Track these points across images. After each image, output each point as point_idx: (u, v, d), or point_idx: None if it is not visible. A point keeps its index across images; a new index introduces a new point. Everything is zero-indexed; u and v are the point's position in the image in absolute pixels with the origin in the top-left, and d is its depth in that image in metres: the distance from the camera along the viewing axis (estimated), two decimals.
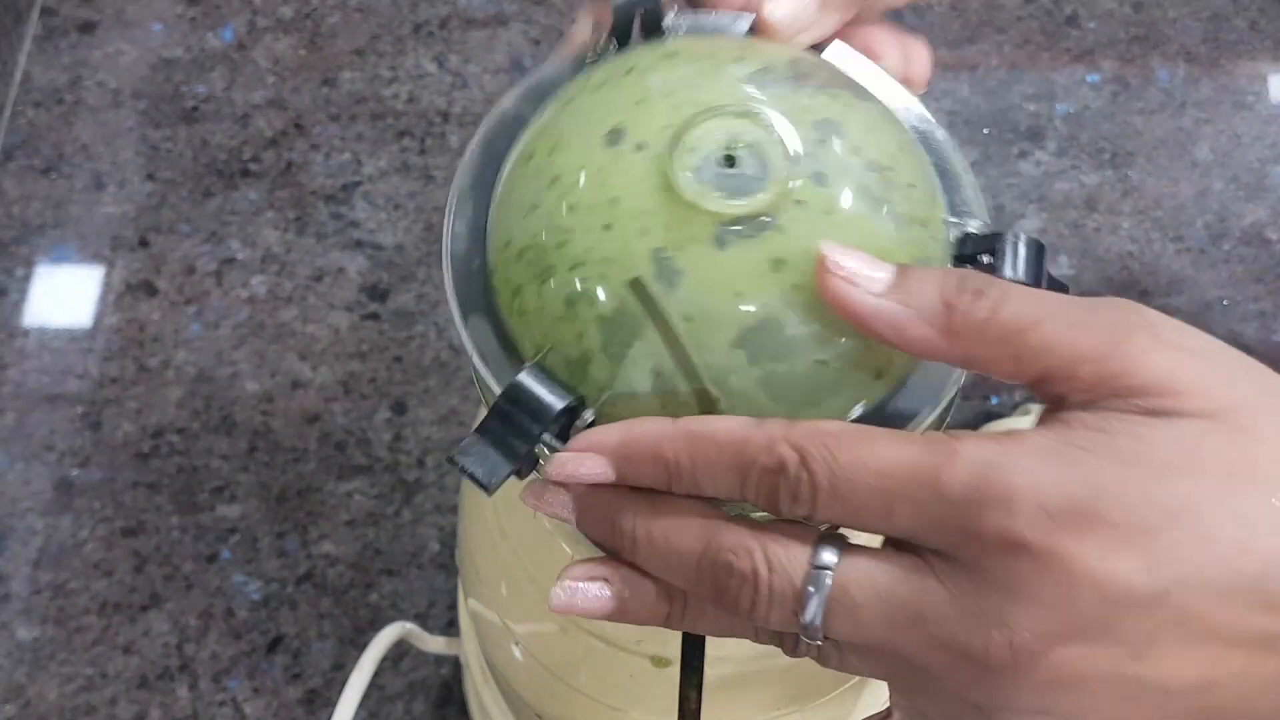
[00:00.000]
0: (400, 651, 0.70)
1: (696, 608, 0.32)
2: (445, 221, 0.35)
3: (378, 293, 0.80)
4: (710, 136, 0.31)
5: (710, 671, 0.38)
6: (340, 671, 0.70)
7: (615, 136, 0.32)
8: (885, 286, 0.30)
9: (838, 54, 0.37)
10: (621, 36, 0.36)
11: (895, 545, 0.30)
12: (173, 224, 0.83)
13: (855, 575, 0.29)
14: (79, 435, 0.75)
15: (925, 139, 0.36)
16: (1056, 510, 0.28)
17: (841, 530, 0.30)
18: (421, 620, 0.71)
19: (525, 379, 0.32)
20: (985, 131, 0.87)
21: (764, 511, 0.30)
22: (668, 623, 0.32)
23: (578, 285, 0.32)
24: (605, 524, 0.31)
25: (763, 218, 0.31)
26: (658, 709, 0.46)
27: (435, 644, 0.62)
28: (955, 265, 0.33)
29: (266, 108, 0.87)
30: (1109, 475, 0.28)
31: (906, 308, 0.30)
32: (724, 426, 0.30)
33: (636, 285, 0.31)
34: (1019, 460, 0.28)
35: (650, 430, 0.31)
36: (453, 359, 0.78)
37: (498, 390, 0.32)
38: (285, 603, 0.71)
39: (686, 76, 0.33)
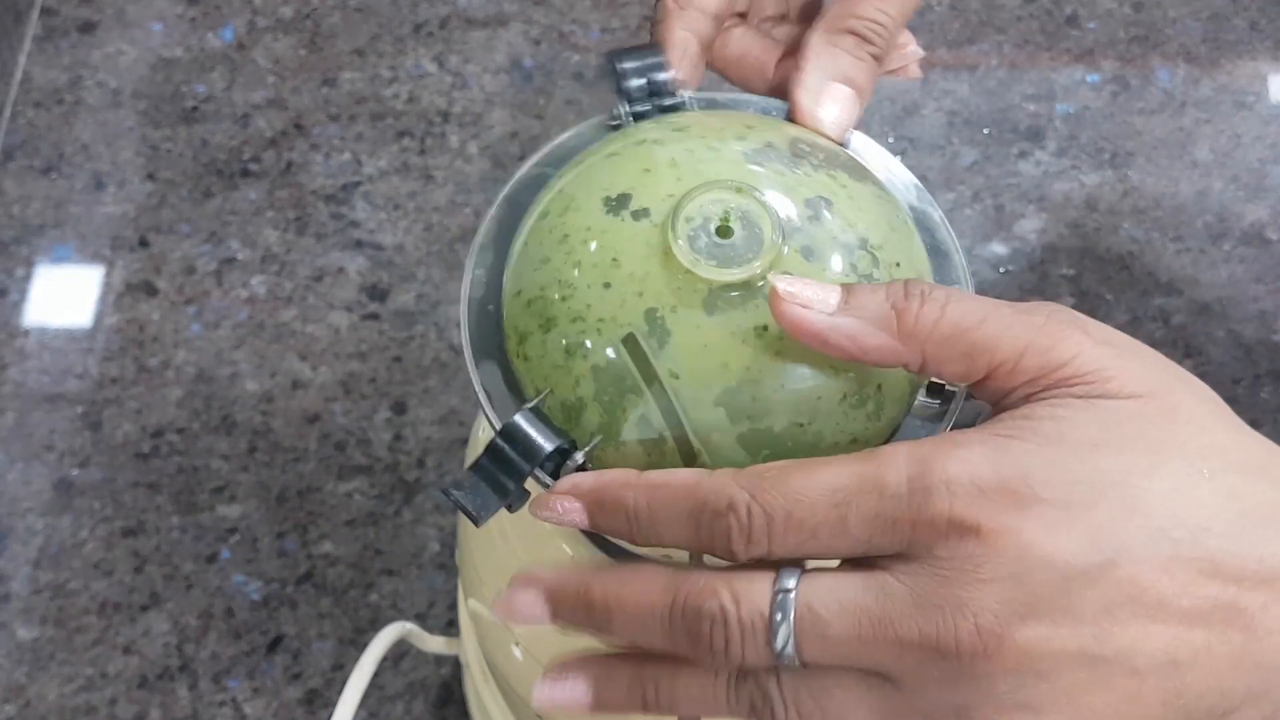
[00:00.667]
0: (400, 651, 0.70)
1: (670, 683, 0.33)
2: (466, 268, 0.38)
3: (378, 293, 0.80)
4: (707, 208, 0.34)
5: None
6: (340, 671, 0.70)
7: (622, 202, 0.35)
8: (837, 304, 0.32)
9: (855, 141, 0.40)
10: (631, 98, 0.39)
11: (851, 565, 0.31)
12: (173, 224, 0.83)
13: (818, 592, 0.30)
14: (79, 435, 0.75)
15: (922, 218, 0.39)
16: (993, 490, 0.29)
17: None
18: (421, 620, 0.71)
19: (520, 420, 0.34)
20: (985, 131, 0.87)
21: (722, 559, 0.31)
22: (645, 708, 0.33)
23: (577, 337, 0.34)
24: (579, 604, 0.33)
25: (752, 286, 0.33)
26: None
27: (435, 644, 0.62)
28: None
29: (266, 108, 0.87)
30: (1035, 456, 0.30)
31: (860, 320, 0.32)
32: (680, 475, 0.32)
33: (630, 341, 0.34)
34: (951, 451, 0.30)
35: (617, 478, 0.32)
36: (453, 359, 0.78)
37: (497, 427, 0.35)
38: (285, 603, 0.71)
39: (692, 150, 0.36)
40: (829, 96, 0.39)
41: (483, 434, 0.49)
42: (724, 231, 0.34)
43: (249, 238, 0.82)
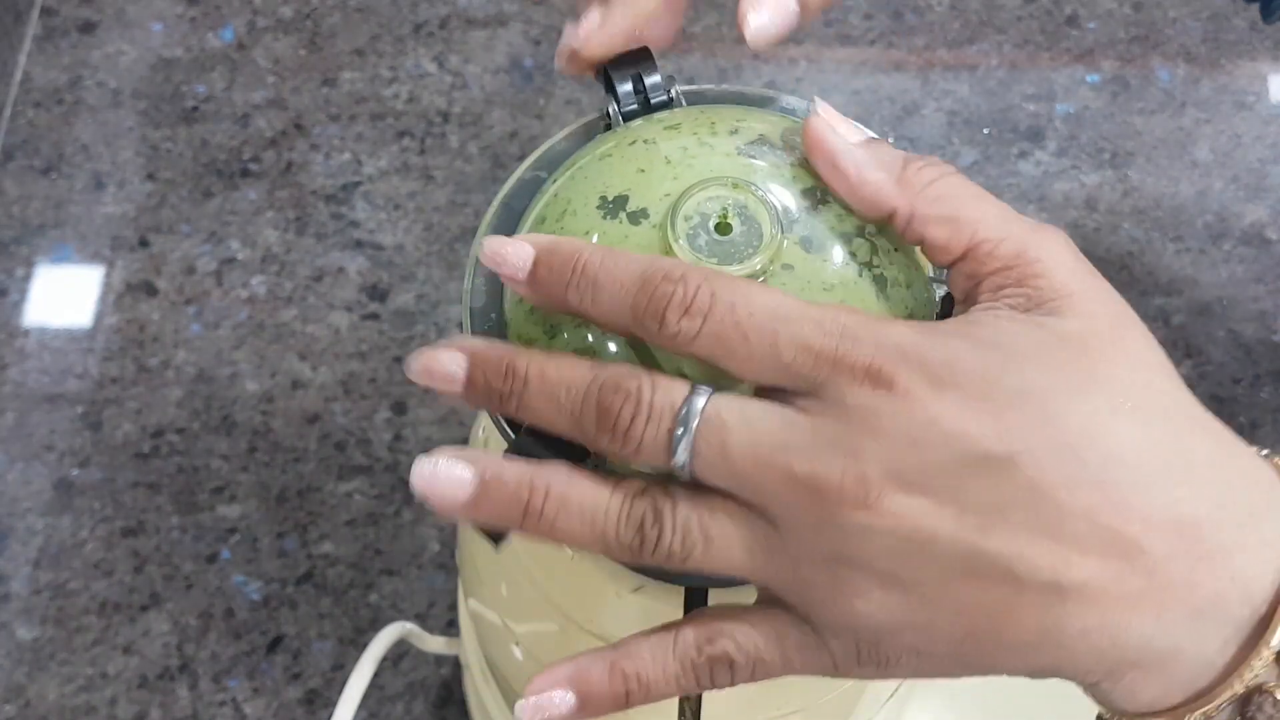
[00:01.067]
0: (400, 651, 0.70)
1: (563, 488, 0.32)
2: (466, 276, 0.37)
3: (378, 293, 0.80)
4: (705, 205, 0.34)
5: None
6: (340, 671, 0.70)
7: (619, 204, 0.35)
8: (858, 141, 0.34)
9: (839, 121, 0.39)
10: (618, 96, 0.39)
11: (764, 395, 0.31)
12: (173, 224, 0.83)
13: (728, 404, 0.31)
14: (79, 435, 0.75)
15: None
16: (918, 363, 0.30)
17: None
18: (421, 620, 0.71)
19: (529, 438, 0.34)
20: (985, 131, 0.87)
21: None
22: (526, 518, 0.32)
23: (582, 342, 0.34)
24: (499, 368, 0.33)
25: (756, 280, 0.33)
26: (658, 710, 0.46)
27: (435, 644, 0.62)
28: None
29: (266, 108, 0.87)
30: (967, 353, 0.30)
31: (869, 155, 0.33)
32: (639, 254, 0.32)
33: (635, 342, 0.33)
34: (892, 325, 0.31)
35: (576, 243, 0.33)
36: None
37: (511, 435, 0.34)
38: (285, 603, 0.71)
39: (685, 147, 0.36)
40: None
41: (483, 433, 0.49)
42: (723, 228, 0.34)
43: (249, 238, 0.82)
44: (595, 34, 0.38)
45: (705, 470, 0.31)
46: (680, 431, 0.31)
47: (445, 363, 0.33)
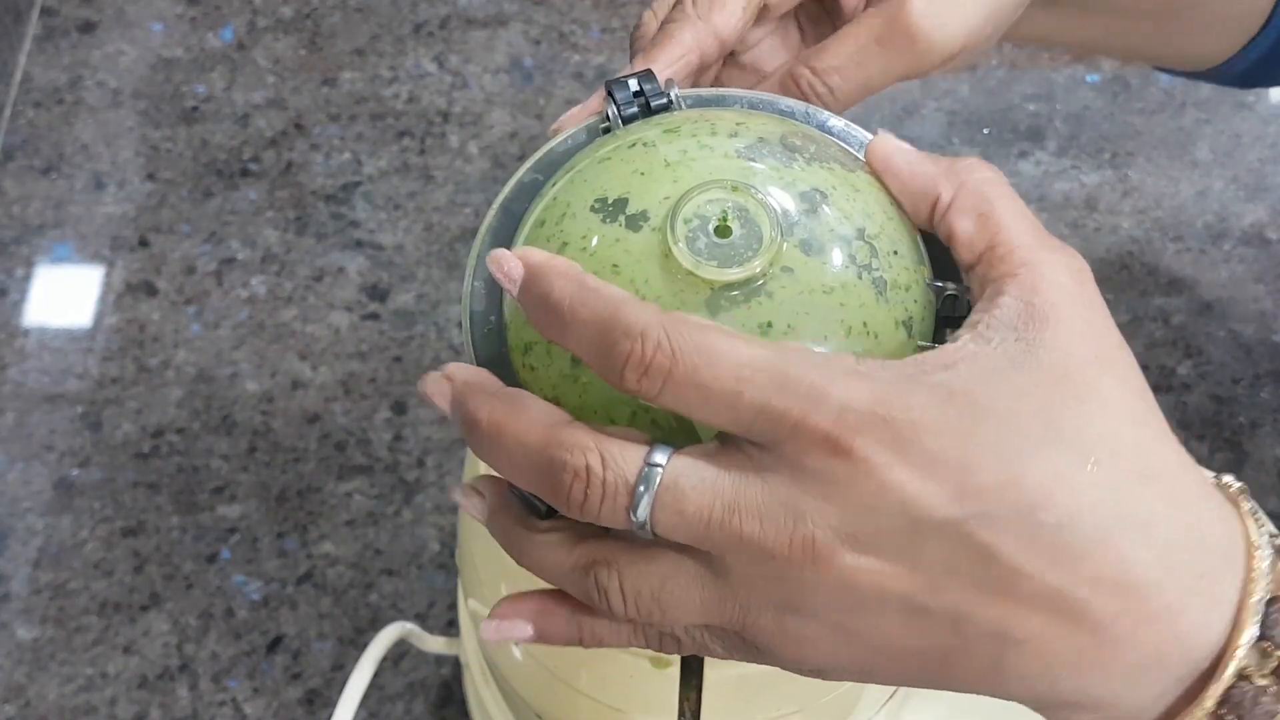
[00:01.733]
0: (400, 651, 0.70)
1: (520, 545, 0.34)
2: (465, 280, 0.37)
3: (378, 293, 0.80)
4: (705, 208, 0.34)
5: (710, 673, 0.38)
6: (340, 671, 0.70)
7: (618, 207, 0.35)
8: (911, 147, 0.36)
9: (838, 124, 0.40)
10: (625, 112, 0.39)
11: (723, 441, 0.32)
12: (173, 224, 0.83)
13: (684, 469, 0.31)
14: (79, 435, 0.75)
15: None
16: (879, 424, 0.30)
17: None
18: (421, 620, 0.71)
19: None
20: (985, 131, 0.87)
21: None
22: (506, 551, 0.35)
23: None
24: (467, 419, 0.33)
25: (753, 284, 0.33)
26: (658, 710, 0.46)
27: (435, 644, 0.62)
28: (938, 326, 0.36)
29: (266, 108, 0.87)
30: (933, 408, 0.30)
31: (924, 154, 0.36)
32: (612, 290, 0.32)
33: None
34: (857, 374, 0.30)
35: (559, 266, 0.32)
36: (453, 359, 0.78)
37: None
38: (285, 603, 0.71)
39: (685, 150, 0.35)
40: None
41: None
42: (723, 231, 0.34)
43: (249, 238, 0.82)
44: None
45: (663, 530, 0.31)
46: (640, 498, 0.31)
47: (433, 391, 0.34)
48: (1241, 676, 0.30)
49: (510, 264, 0.33)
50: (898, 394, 0.30)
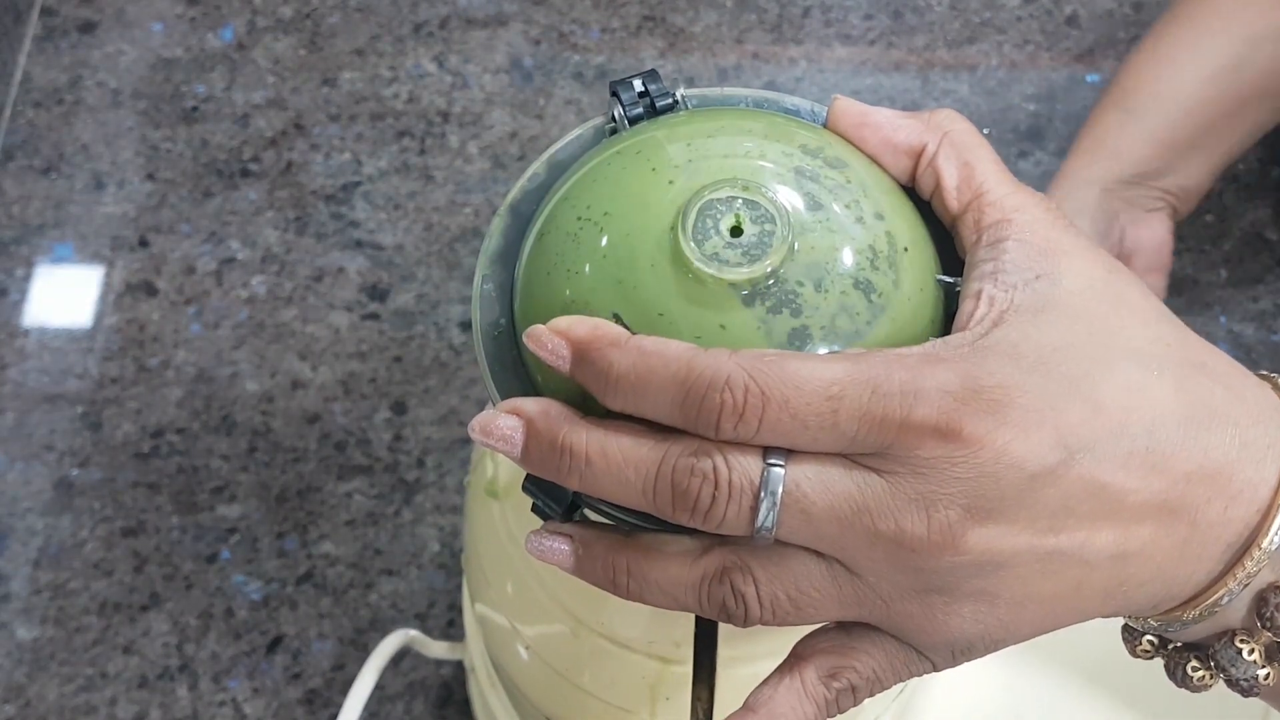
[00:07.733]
0: (401, 652, 0.70)
1: (643, 565, 0.33)
2: (475, 282, 0.37)
3: (378, 293, 0.80)
4: (716, 208, 0.34)
5: (722, 672, 0.38)
6: (340, 672, 0.70)
7: (628, 207, 0.34)
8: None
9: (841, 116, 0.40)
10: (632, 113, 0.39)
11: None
12: (173, 224, 0.83)
13: (806, 473, 0.31)
14: (79, 435, 0.75)
15: (914, 194, 0.39)
16: (974, 398, 0.31)
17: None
18: (421, 620, 0.71)
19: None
20: (985, 131, 0.87)
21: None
22: (615, 590, 0.33)
23: None
24: (553, 444, 0.32)
25: (766, 282, 0.33)
26: (668, 710, 0.46)
27: (439, 649, 0.62)
28: (947, 319, 0.36)
29: (266, 108, 0.87)
30: (1010, 367, 0.31)
31: (896, 112, 0.36)
32: (674, 346, 0.31)
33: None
34: (937, 366, 0.31)
35: (607, 335, 0.32)
36: (453, 359, 0.78)
37: None
38: (285, 603, 0.71)
39: (693, 149, 0.35)
40: None
41: None
42: (735, 230, 0.33)
43: (249, 238, 0.82)
44: None
45: (788, 535, 0.32)
46: (764, 505, 0.31)
47: (506, 430, 0.33)
48: None
49: (554, 343, 0.32)
50: (975, 365, 0.31)
